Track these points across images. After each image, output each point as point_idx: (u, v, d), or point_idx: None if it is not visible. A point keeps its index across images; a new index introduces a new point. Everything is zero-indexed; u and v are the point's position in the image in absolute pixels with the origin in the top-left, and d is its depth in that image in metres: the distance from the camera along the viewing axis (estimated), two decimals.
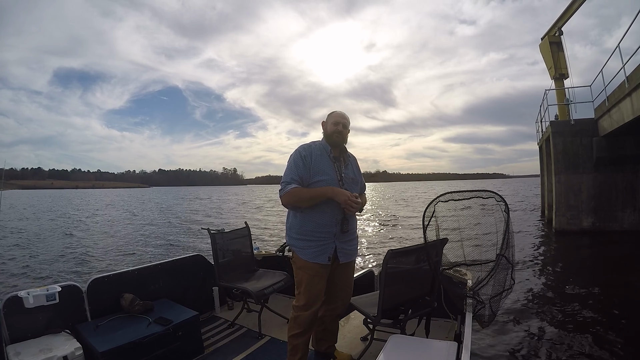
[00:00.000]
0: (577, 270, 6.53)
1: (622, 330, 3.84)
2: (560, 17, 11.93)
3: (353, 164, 2.20)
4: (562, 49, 12.52)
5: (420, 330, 2.28)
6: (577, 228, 9.72)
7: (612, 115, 8.22)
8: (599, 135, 9.39)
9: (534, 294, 5.22)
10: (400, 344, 1.73)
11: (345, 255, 2.08)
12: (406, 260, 2.04)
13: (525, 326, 4.06)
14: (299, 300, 2.05)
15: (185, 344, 2.34)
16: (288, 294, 3.29)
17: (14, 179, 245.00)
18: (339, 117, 2.08)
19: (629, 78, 7.03)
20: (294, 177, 1.94)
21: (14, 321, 2.06)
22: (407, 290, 2.08)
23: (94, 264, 8.40)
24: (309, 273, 2.00)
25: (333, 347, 2.35)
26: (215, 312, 3.18)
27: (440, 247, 2.13)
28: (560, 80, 12.52)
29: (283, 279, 2.90)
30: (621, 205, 9.50)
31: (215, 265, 2.92)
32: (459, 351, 1.61)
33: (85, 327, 2.25)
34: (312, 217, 1.98)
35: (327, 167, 2.01)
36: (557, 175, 10.02)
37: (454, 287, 2.28)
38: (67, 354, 1.95)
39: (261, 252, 3.51)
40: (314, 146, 2.06)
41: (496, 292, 2.07)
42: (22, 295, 2.09)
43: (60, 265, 8.29)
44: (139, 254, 9.62)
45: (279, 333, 2.69)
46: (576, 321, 4.16)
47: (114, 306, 2.48)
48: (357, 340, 2.57)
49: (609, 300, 4.73)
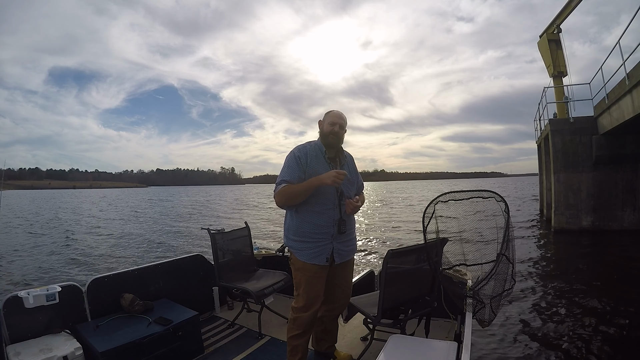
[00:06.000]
0: (576, 270, 6.53)
1: (622, 330, 3.85)
2: (559, 14, 11.90)
3: (349, 164, 2.19)
4: (560, 47, 12.50)
5: (420, 330, 2.29)
6: (577, 227, 9.72)
7: (612, 113, 8.20)
8: (599, 133, 9.37)
9: (533, 294, 5.22)
10: (400, 344, 1.73)
11: (341, 255, 2.07)
12: (406, 260, 2.04)
13: (525, 326, 4.07)
14: (298, 302, 2.05)
15: (185, 344, 2.34)
16: (288, 294, 3.29)
17: (11, 179, 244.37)
18: (335, 118, 2.07)
19: (629, 75, 7.01)
20: (287, 178, 1.94)
21: (14, 321, 2.06)
22: (407, 290, 2.08)
23: (94, 264, 8.40)
24: (307, 274, 2.00)
25: (333, 347, 2.35)
26: (215, 312, 3.19)
27: (440, 247, 2.13)
28: (559, 78, 12.50)
29: (283, 279, 2.90)
30: (621, 204, 9.50)
31: (215, 265, 2.92)
32: (459, 351, 1.61)
33: (85, 327, 2.25)
34: (309, 219, 1.98)
35: (322, 168, 2.00)
36: (556, 174, 10.01)
37: (454, 287, 2.28)
38: (67, 354, 1.96)
39: (261, 252, 3.51)
40: (309, 147, 2.05)
41: (497, 292, 2.07)
42: (22, 295, 2.08)
43: (60, 265, 8.28)
44: (139, 254, 9.62)
45: (279, 333, 2.69)
46: (576, 321, 4.16)
47: (114, 306, 2.48)
48: (357, 340, 2.58)
49: (609, 300, 4.74)
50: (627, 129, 8.11)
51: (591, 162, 9.59)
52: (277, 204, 1.98)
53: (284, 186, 1.92)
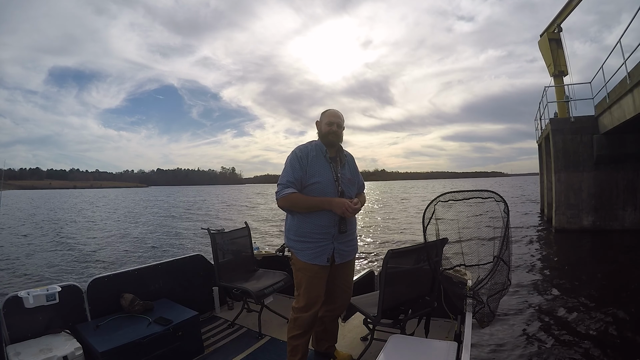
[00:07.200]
0: (577, 270, 6.52)
1: (622, 330, 3.84)
2: (560, 13, 11.88)
3: (350, 163, 2.18)
4: (561, 46, 12.47)
5: (420, 330, 2.28)
6: (578, 227, 9.70)
7: (613, 113, 8.18)
8: (600, 132, 9.35)
9: (533, 294, 5.22)
10: (400, 344, 1.73)
11: (342, 256, 2.07)
12: (406, 260, 2.03)
13: (525, 326, 4.07)
14: (299, 302, 2.05)
15: (185, 344, 2.34)
16: (288, 294, 3.29)
17: (12, 179, 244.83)
18: (332, 117, 2.06)
19: (630, 74, 6.98)
20: (290, 179, 1.93)
21: (14, 321, 2.07)
22: (407, 290, 2.08)
23: (94, 264, 8.41)
24: (308, 274, 2.00)
25: (333, 347, 2.35)
26: (215, 312, 3.19)
27: (440, 247, 2.13)
28: (560, 77, 12.47)
29: (283, 279, 2.90)
30: (622, 203, 9.48)
31: (215, 265, 2.92)
32: (459, 351, 1.61)
33: (85, 327, 2.25)
34: (310, 219, 1.97)
35: (323, 168, 2.00)
36: (557, 174, 9.99)
37: (454, 287, 2.28)
38: (67, 354, 1.96)
39: (261, 252, 3.51)
40: (310, 147, 2.05)
41: (494, 293, 2.07)
42: (22, 295, 2.09)
43: (60, 265, 8.30)
44: (139, 254, 9.63)
45: (279, 333, 2.69)
46: (576, 321, 4.16)
47: (114, 306, 2.48)
48: (357, 340, 2.57)
49: (609, 300, 4.73)
50: (628, 128, 8.09)
51: (592, 162, 9.57)
52: (280, 206, 1.98)
53: (293, 194, 1.91)
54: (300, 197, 1.93)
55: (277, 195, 1.95)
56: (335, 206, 1.89)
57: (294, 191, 1.92)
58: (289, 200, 1.92)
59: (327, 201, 1.91)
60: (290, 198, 1.91)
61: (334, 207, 1.89)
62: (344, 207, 1.87)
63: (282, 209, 2.00)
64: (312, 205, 1.92)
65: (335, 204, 1.89)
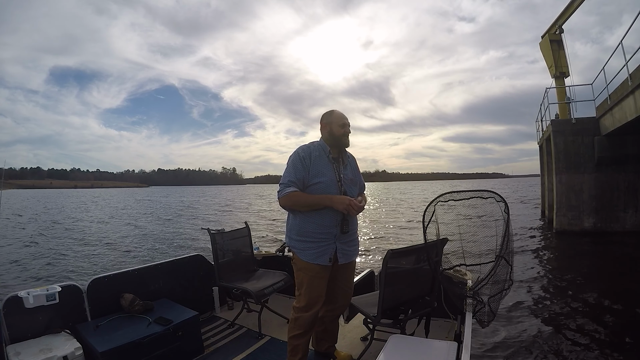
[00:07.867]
0: (578, 271, 6.51)
1: (622, 331, 3.83)
2: (561, 14, 11.87)
3: (352, 164, 2.19)
4: (562, 47, 12.46)
5: (420, 330, 2.28)
6: (579, 228, 9.68)
7: (614, 114, 8.17)
8: (601, 134, 9.33)
9: (534, 295, 5.21)
10: (400, 344, 1.73)
11: (345, 256, 2.07)
12: (406, 260, 2.04)
13: (526, 327, 4.06)
14: (300, 302, 2.05)
15: (185, 344, 2.34)
16: (288, 294, 3.29)
17: (13, 178, 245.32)
18: (344, 119, 2.08)
19: (632, 75, 6.98)
20: (292, 179, 1.94)
21: (14, 321, 2.06)
22: (407, 290, 2.08)
23: (94, 264, 8.41)
24: (309, 274, 2.00)
25: (333, 347, 2.34)
26: (215, 312, 3.18)
27: (440, 247, 2.13)
28: (561, 78, 12.46)
29: (283, 279, 2.90)
30: (623, 205, 9.45)
31: (215, 265, 2.92)
32: (459, 351, 1.61)
33: (85, 327, 2.25)
34: (312, 219, 1.97)
35: (326, 168, 2.00)
36: (558, 175, 9.98)
37: (454, 287, 2.28)
38: (67, 354, 1.96)
39: (261, 252, 3.51)
40: (313, 147, 2.05)
41: (495, 293, 2.06)
42: (22, 295, 2.09)
43: (60, 265, 8.30)
44: (139, 254, 9.63)
45: (279, 333, 2.69)
46: (577, 322, 4.15)
47: (114, 306, 2.48)
48: (357, 340, 2.57)
49: (610, 301, 4.72)
50: (629, 130, 8.08)
51: (593, 163, 9.56)
52: (282, 205, 1.98)
53: (294, 192, 1.91)
54: (301, 195, 1.93)
55: (279, 195, 1.96)
56: (336, 203, 1.89)
57: (295, 190, 1.92)
58: (290, 199, 1.92)
59: (327, 198, 1.91)
60: (291, 196, 1.92)
61: (335, 203, 1.89)
62: (347, 204, 1.87)
63: (284, 207, 2.00)
64: (313, 202, 1.93)
65: (337, 201, 1.89)
